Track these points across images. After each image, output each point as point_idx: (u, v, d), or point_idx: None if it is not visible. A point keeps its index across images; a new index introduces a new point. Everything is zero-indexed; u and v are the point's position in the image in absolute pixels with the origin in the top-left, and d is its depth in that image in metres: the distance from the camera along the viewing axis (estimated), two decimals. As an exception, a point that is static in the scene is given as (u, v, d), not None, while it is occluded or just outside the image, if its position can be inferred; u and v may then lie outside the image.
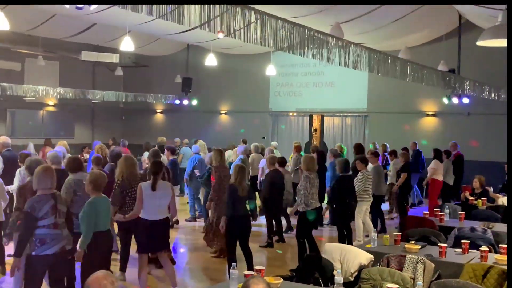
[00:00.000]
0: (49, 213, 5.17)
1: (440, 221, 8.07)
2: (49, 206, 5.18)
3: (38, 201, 5.16)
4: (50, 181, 5.29)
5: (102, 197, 5.79)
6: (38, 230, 5.13)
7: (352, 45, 7.87)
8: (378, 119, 17.49)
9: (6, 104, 18.19)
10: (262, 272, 4.72)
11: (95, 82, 21.29)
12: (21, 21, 13.45)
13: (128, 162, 7.32)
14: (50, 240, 5.17)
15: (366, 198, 9.57)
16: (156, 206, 6.40)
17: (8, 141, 9.70)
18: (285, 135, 19.20)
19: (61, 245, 5.26)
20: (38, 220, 5.11)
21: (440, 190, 12.51)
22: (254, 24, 6.21)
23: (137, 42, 14.20)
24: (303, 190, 8.00)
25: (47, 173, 5.32)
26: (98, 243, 5.56)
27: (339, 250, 5.82)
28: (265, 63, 17.62)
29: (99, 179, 5.78)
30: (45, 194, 5.23)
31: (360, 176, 9.52)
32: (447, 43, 14.96)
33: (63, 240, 5.30)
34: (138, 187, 6.45)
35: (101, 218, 5.66)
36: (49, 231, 5.18)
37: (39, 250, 5.14)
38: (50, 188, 5.29)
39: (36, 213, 5.10)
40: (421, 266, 5.42)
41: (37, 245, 5.14)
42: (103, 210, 5.74)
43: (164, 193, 6.49)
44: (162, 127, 21.86)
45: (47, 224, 5.17)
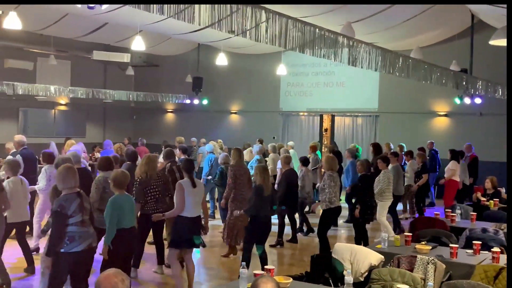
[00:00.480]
0: (77, 211, 5.26)
1: (452, 221, 8.03)
2: (76, 204, 5.27)
3: (65, 200, 5.24)
4: (73, 180, 5.38)
5: (124, 194, 5.99)
6: (67, 228, 5.22)
7: (363, 45, 7.84)
8: (389, 119, 17.41)
9: (18, 103, 18.31)
10: (272, 272, 4.72)
11: (106, 82, 21.38)
12: (33, 20, 13.55)
13: (153, 161, 7.53)
14: (78, 237, 5.26)
15: (388, 197, 9.63)
16: (194, 202, 6.57)
17: (23, 140, 9.79)
18: (295, 135, 19.16)
19: (88, 242, 5.36)
20: (68, 218, 5.19)
21: (456, 191, 12.42)
22: (264, 23, 6.20)
23: (148, 41, 14.25)
24: (328, 188, 8.36)
25: (70, 172, 5.40)
26: (121, 239, 5.74)
27: (349, 250, 5.80)
28: (276, 63, 17.60)
29: (120, 177, 5.97)
30: (71, 193, 5.32)
31: (382, 176, 9.56)
32: (459, 43, 14.86)
33: (90, 237, 5.41)
34: (177, 185, 6.56)
35: (124, 215, 5.84)
36: (78, 229, 5.27)
37: (68, 247, 5.21)
38: (75, 186, 5.38)
39: (66, 211, 5.19)
40: (432, 267, 5.39)
41: (66, 242, 5.21)
42: (126, 207, 5.91)
43: (200, 190, 6.72)
44: (173, 126, 21.91)
45: (75, 222, 5.25)
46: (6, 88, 14.66)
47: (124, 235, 5.80)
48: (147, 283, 7.42)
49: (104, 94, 17.62)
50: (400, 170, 11.04)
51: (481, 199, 9.77)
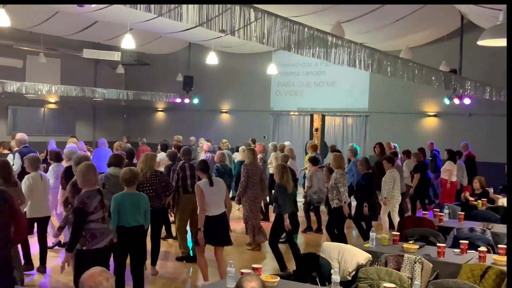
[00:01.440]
0: (98, 207, 5.30)
1: (440, 221, 8.06)
2: (97, 201, 5.31)
3: (87, 197, 5.26)
4: (94, 177, 5.42)
5: (130, 192, 6.01)
6: (88, 224, 5.23)
7: (353, 44, 7.86)
8: (379, 119, 17.47)
9: (7, 101, 18.20)
10: (259, 270, 4.72)
11: (96, 80, 21.29)
12: (23, 18, 13.47)
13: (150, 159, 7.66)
14: (100, 234, 5.30)
15: (396, 197, 9.79)
16: (215, 201, 6.66)
17: (25, 138, 9.74)
18: (286, 135, 19.18)
19: (109, 238, 5.42)
20: (89, 215, 5.21)
21: (455, 191, 12.43)
22: (254, 23, 6.20)
23: (139, 40, 14.22)
24: (342, 187, 8.54)
25: (91, 170, 5.44)
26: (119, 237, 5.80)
27: (337, 249, 5.81)
28: (267, 62, 17.59)
29: (125, 174, 6.04)
30: (92, 189, 5.35)
31: (387, 176, 9.70)
32: (449, 44, 14.95)
33: (111, 233, 5.49)
34: (196, 186, 6.68)
35: (125, 213, 5.87)
36: (99, 226, 5.31)
37: (90, 244, 5.24)
38: (95, 183, 5.43)
39: (87, 208, 5.22)
40: (419, 266, 5.42)
41: (88, 239, 5.24)
42: (129, 205, 5.92)
43: (220, 187, 6.79)
44: (163, 125, 21.87)
45: (97, 219, 5.29)
46: None
47: (121, 233, 5.83)
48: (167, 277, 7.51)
49: (94, 93, 17.54)
50: (401, 170, 11.15)
51: (469, 198, 9.83)
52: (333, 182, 8.70)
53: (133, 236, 5.93)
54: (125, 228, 5.85)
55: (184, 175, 8.42)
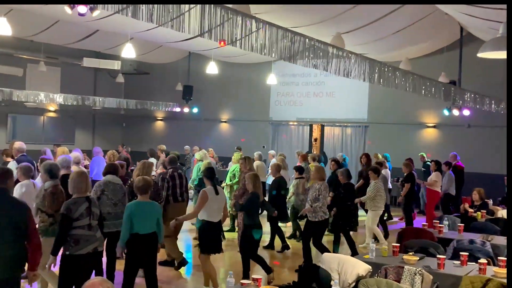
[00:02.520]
0: (84, 214, 5.40)
1: (439, 232, 8.05)
2: (84, 208, 5.41)
3: (73, 203, 5.40)
4: (84, 184, 5.55)
5: (145, 201, 6.14)
6: (73, 230, 5.34)
7: (353, 55, 7.89)
8: (378, 129, 17.49)
9: (7, 109, 18.21)
10: (259, 282, 4.70)
11: (96, 89, 21.32)
12: (24, 26, 13.49)
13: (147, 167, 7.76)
14: (83, 240, 5.38)
15: (379, 207, 9.92)
16: (217, 209, 6.86)
17: (23, 147, 9.74)
18: (285, 145, 19.20)
19: (93, 245, 5.46)
20: (74, 221, 5.33)
21: (437, 201, 12.54)
22: (255, 33, 6.23)
23: (139, 49, 14.25)
24: (322, 199, 8.31)
25: (81, 177, 5.59)
26: (133, 245, 5.94)
27: (336, 260, 5.79)
28: (266, 72, 17.66)
29: (139, 182, 6.17)
30: (80, 196, 5.47)
31: (372, 186, 9.86)
32: (448, 55, 15.00)
33: (96, 241, 5.51)
34: (202, 191, 6.86)
35: (139, 221, 5.98)
36: (84, 232, 5.39)
37: (73, 249, 5.33)
38: (85, 191, 5.55)
39: (72, 214, 5.33)
40: (419, 278, 5.40)
41: (71, 245, 5.33)
42: (143, 213, 6.03)
43: (222, 197, 7.02)
44: (163, 134, 21.87)
45: (82, 225, 5.38)
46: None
47: (135, 241, 5.95)
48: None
49: (94, 101, 17.56)
50: (386, 180, 11.18)
51: (468, 210, 9.82)
52: (316, 194, 8.36)
53: (147, 243, 6.05)
54: (139, 235, 5.96)
55: (174, 184, 8.50)
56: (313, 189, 8.47)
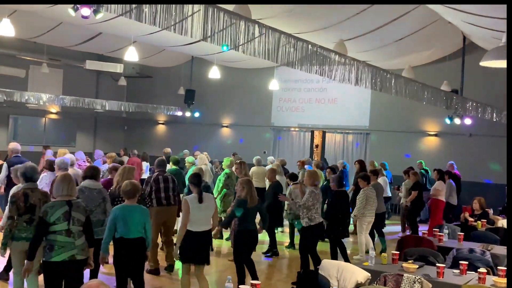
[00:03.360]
0: (61, 219, 5.13)
1: (439, 241, 8.03)
2: (62, 212, 5.15)
3: (51, 207, 5.17)
4: (66, 187, 5.30)
5: (132, 205, 5.95)
6: (49, 235, 5.12)
7: (356, 62, 7.89)
8: (380, 137, 17.49)
9: (8, 110, 18.21)
10: (258, 287, 4.68)
11: (98, 91, 21.34)
12: (27, 28, 13.52)
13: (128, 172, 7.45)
14: (58, 247, 5.12)
15: (368, 215, 9.71)
16: (201, 217, 6.42)
17: (17, 147, 9.73)
18: (286, 150, 19.19)
19: (70, 253, 5.17)
20: (50, 225, 5.09)
21: (443, 210, 12.38)
22: (258, 38, 6.23)
23: (142, 53, 14.28)
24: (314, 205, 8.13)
25: (63, 180, 5.35)
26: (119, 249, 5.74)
27: (336, 267, 5.78)
28: (269, 78, 17.67)
29: (127, 186, 5.97)
30: (60, 200, 5.24)
31: (361, 193, 9.73)
32: (451, 64, 15.00)
33: (74, 248, 5.20)
34: (183, 201, 6.47)
35: (126, 225, 5.78)
36: (60, 238, 5.13)
37: (47, 256, 5.12)
38: (66, 195, 5.29)
39: (48, 218, 5.09)
40: (418, 286, 5.38)
41: (46, 251, 5.12)
42: (130, 218, 5.83)
43: (209, 204, 6.54)
44: (164, 138, 21.86)
45: (59, 230, 5.13)
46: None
47: (122, 245, 5.77)
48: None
49: (96, 104, 17.58)
50: (379, 188, 10.76)
51: (469, 219, 9.80)
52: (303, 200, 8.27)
53: (132, 247, 5.86)
54: (124, 239, 5.78)
55: (157, 187, 8.33)
56: (306, 194, 8.30)
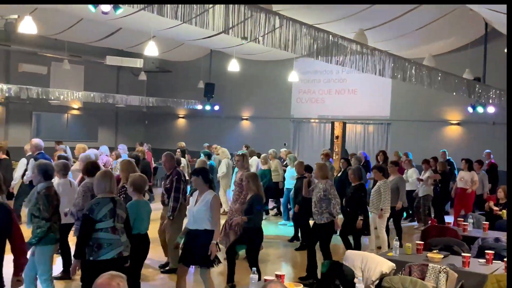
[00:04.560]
0: (107, 216, 5.09)
1: (464, 230, 7.97)
2: (108, 209, 5.11)
3: (96, 204, 5.10)
4: (108, 184, 5.25)
5: (142, 199, 5.93)
6: (95, 233, 5.04)
7: (377, 52, 7.83)
8: (401, 127, 17.34)
9: (31, 107, 18.47)
10: (283, 278, 4.70)
11: (119, 87, 21.51)
12: (48, 25, 13.66)
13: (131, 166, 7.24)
14: (107, 244, 5.08)
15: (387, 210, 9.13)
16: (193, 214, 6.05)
17: (41, 144, 9.52)
18: (306, 142, 19.15)
19: (118, 250, 5.15)
20: (96, 223, 5.04)
21: (473, 201, 12.03)
22: (278, 29, 6.22)
23: (161, 47, 14.33)
24: (334, 199, 7.70)
25: (105, 177, 5.31)
26: (137, 245, 5.57)
27: (360, 258, 5.77)
28: (288, 70, 17.62)
29: (139, 181, 5.89)
30: (104, 197, 5.19)
31: (376, 187, 9.18)
32: (473, 51, 14.79)
33: (121, 245, 5.19)
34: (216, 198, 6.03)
35: (141, 220, 5.78)
36: (107, 235, 5.09)
37: (96, 255, 5.04)
38: (109, 191, 5.26)
39: (94, 215, 5.03)
40: (443, 276, 5.35)
41: (94, 249, 5.04)
42: (144, 212, 5.84)
43: None
44: (184, 132, 21.98)
45: (105, 228, 5.08)
46: (20, 92, 14.82)
47: (140, 241, 5.69)
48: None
49: (117, 99, 17.74)
50: (401, 181, 10.17)
51: (493, 208, 9.68)
52: (321, 194, 7.74)
53: (147, 242, 5.89)
54: (141, 235, 5.74)
55: None
56: (317, 188, 7.89)
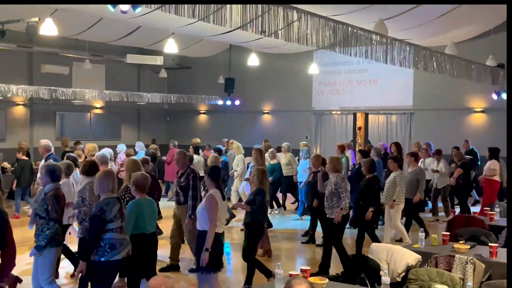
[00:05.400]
0: (117, 216, 5.07)
1: (490, 220, 7.85)
2: (117, 209, 5.08)
3: (107, 204, 5.04)
4: (111, 183, 5.20)
5: (146, 198, 5.81)
6: (106, 234, 5.01)
7: (397, 42, 7.75)
8: (424, 116, 17.16)
9: (55, 107, 18.71)
10: (308, 272, 4.70)
11: (140, 84, 21.68)
12: (69, 26, 13.80)
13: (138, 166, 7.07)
14: (119, 244, 5.06)
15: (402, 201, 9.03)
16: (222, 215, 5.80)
17: (49, 145, 9.29)
18: (328, 134, 19.08)
19: (127, 249, 5.16)
20: (108, 223, 5.00)
21: (498, 190, 11.75)
22: (296, 23, 6.19)
23: (180, 44, 14.38)
24: (345, 192, 7.62)
25: (108, 177, 5.23)
26: (139, 245, 5.49)
27: (385, 250, 5.73)
28: (308, 62, 17.54)
29: (141, 179, 5.76)
30: (111, 197, 5.15)
31: (391, 177, 9.03)
32: (496, 37, 14.53)
33: (128, 244, 5.21)
34: (210, 197, 5.64)
35: (144, 220, 5.66)
36: (117, 235, 5.07)
37: (109, 255, 5.00)
38: (112, 191, 5.22)
39: (106, 215, 4.99)
40: (470, 267, 5.29)
41: (107, 250, 4.99)
42: (147, 212, 5.72)
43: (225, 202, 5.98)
44: (206, 127, 22.06)
45: (115, 228, 5.05)
46: (43, 93, 15.04)
47: (142, 240, 5.60)
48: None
49: (139, 97, 17.88)
50: (420, 173, 10.01)
51: (520, 196, 9.52)
52: (333, 188, 7.67)
53: (152, 242, 5.83)
54: (145, 235, 5.65)
55: None
56: (329, 182, 7.80)
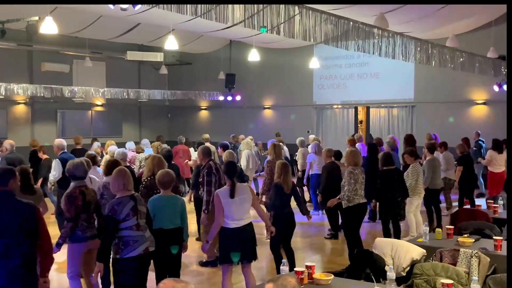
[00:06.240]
0: (130, 214, 5.08)
1: (494, 213, 7.81)
2: (129, 207, 5.09)
3: (118, 204, 5.06)
4: (124, 181, 5.19)
5: (169, 195, 5.87)
6: (120, 232, 5.05)
7: (398, 36, 7.72)
8: (426, 109, 17.13)
9: (56, 105, 18.70)
10: (313, 269, 4.69)
11: (140, 81, 21.65)
12: (69, 23, 13.79)
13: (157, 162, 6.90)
14: (133, 242, 5.08)
15: (416, 193, 9.05)
16: (239, 211, 5.80)
17: (63, 143, 9.56)
18: (330, 128, 19.05)
19: (144, 246, 5.16)
20: (120, 223, 5.03)
21: (502, 182, 11.60)
22: (297, 17, 6.17)
23: (180, 40, 14.36)
24: (347, 185, 7.70)
25: (123, 175, 5.24)
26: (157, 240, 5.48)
27: (390, 245, 5.71)
28: (308, 56, 17.50)
29: (163, 176, 5.83)
30: (124, 195, 5.15)
31: (410, 170, 9.05)
32: (497, 29, 14.49)
33: (146, 241, 5.20)
34: (214, 195, 5.84)
35: (164, 215, 5.72)
36: (132, 233, 5.09)
37: (123, 253, 5.06)
38: (127, 189, 5.20)
39: (118, 215, 5.02)
40: (475, 260, 5.28)
41: (121, 247, 5.06)
42: (168, 208, 5.78)
43: (244, 197, 5.86)
44: (207, 123, 22.05)
45: (129, 226, 5.07)
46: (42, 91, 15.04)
47: (160, 236, 5.59)
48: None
49: (139, 94, 17.87)
50: (436, 163, 10.13)
51: (524, 188, 9.50)
52: (342, 181, 7.89)
53: (172, 238, 5.81)
54: (163, 230, 5.70)
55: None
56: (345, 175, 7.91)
